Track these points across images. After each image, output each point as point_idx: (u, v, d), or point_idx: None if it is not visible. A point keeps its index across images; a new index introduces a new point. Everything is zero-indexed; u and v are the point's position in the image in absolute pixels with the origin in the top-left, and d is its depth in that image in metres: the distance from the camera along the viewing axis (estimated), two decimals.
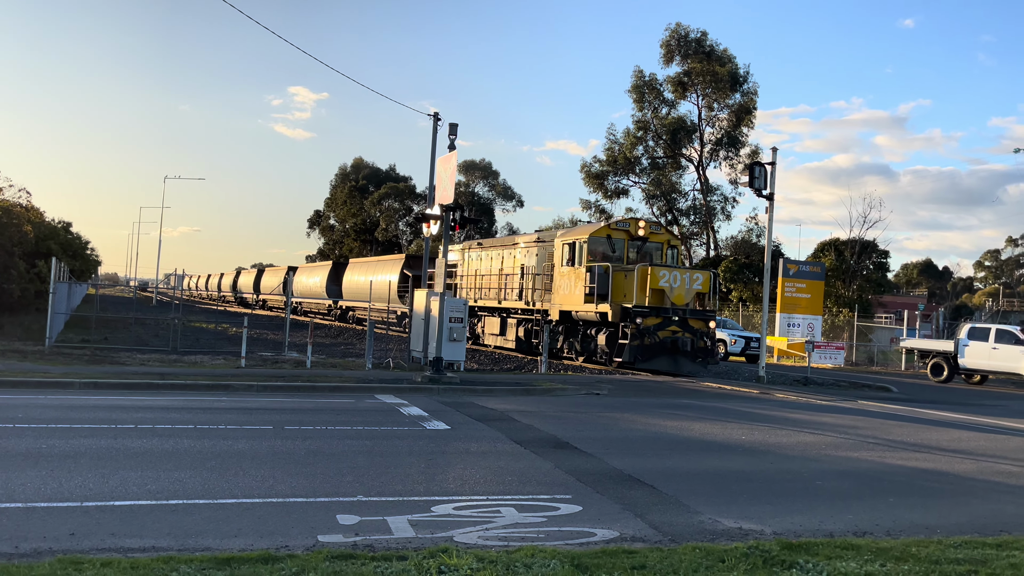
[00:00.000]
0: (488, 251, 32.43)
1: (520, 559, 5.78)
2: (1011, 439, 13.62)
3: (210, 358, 21.32)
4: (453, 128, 19.64)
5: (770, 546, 6.31)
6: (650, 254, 25.78)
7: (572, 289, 24.89)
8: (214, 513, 6.95)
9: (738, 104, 51.98)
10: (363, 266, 48.48)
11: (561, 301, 25.47)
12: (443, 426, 12.12)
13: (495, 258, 31.47)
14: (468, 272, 33.17)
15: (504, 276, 29.87)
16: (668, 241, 26.35)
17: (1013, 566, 5.99)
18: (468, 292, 32.75)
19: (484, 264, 32.10)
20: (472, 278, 32.66)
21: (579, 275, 24.59)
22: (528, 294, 27.82)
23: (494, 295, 30.47)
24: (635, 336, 22.36)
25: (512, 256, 30.12)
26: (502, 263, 30.68)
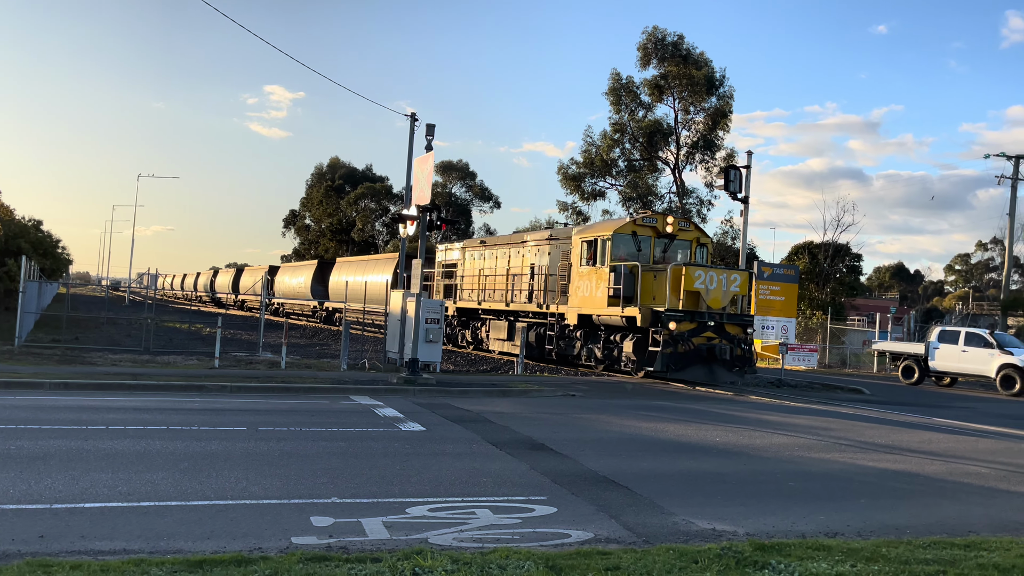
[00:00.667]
0: (493, 250, 30.33)
1: (495, 560, 5.78)
2: (979, 441, 13.82)
3: (183, 358, 21.13)
4: (430, 129, 19.61)
5: (743, 547, 6.35)
6: (676, 253, 23.71)
7: (593, 290, 22.92)
8: (186, 515, 6.89)
9: (714, 107, 52.34)
10: (352, 266, 45.86)
11: (580, 304, 23.53)
12: (418, 427, 12.10)
13: (501, 257, 29.47)
14: (470, 272, 31.21)
15: (511, 277, 27.98)
16: (697, 239, 24.05)
17: (980, 566, 6.08)
18: (471, 293, 30.79)
19: (488, 264, 30.09)
20: (475, 278, 30.67)
21: (601, 275, 22.64)
22: (540, 296, 26.07)
23: (500, 297, 28.58)
24: (668, 343, 20.39)
25: (520, 255, 28.24)
26: (508, 262, 28.75)
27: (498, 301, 28.59)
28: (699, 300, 21.02)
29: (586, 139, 55.61)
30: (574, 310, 23.79)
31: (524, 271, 27.58)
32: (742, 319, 21.67)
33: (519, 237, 29.23)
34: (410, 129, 24.82)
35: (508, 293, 28.05)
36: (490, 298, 29.33)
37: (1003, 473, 10.78)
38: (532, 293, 26.79)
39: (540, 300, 25.92)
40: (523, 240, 28.53)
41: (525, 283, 27.40)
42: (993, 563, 6.16)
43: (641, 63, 53.09)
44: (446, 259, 33.56)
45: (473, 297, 30.38)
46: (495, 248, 30.26)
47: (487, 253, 30.54)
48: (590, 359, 24.11)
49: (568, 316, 24.13)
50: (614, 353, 22.91)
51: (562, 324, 24.63)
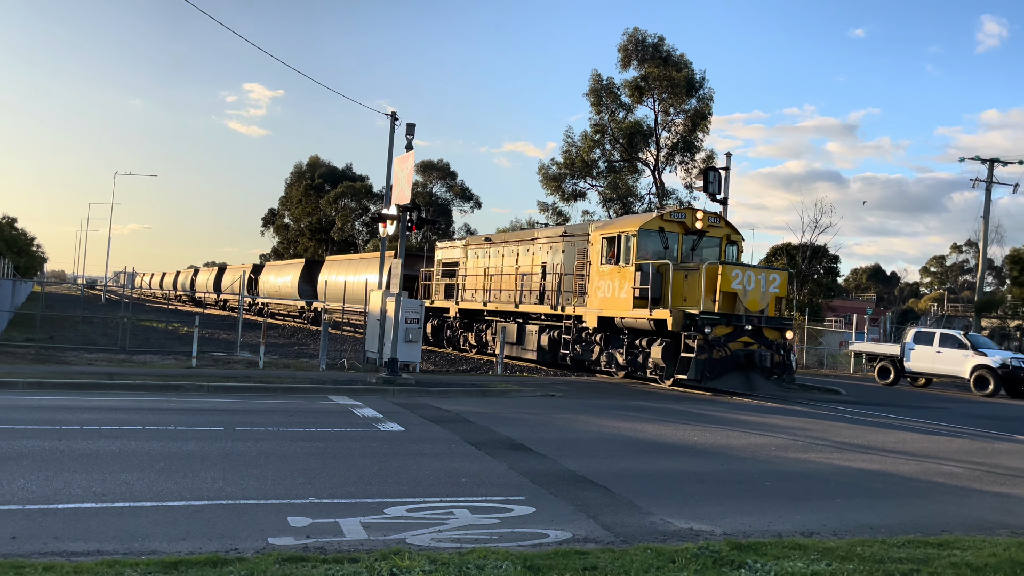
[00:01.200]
0: (499, 247, 28.57)
1: (473, 561, 5.78)
2: (953, 441, 13.97)
3: (160, 358, 20.95)
4: (411, 128, 19.57)
5: (720, 546, 6.39)
6: (705, 250, 22.06)
7: (615, 291, 21.31)
8: (162, 516, 6.83)
9: (694, 109, 52.59)
10: (344, 265, 43.36)
11: (601, 305, 21.85)
12: (397, 428, 12.06)
13: (508, 256, 27.81)
14: (474, 271, 29.59)
15: (520, 276, 26.44)
16: (728, 235, 22.27)
17: (954, 565, 6.15)
18: (475, 294, 29.20)
19: (494, 262, 28.37)
20: (478, 278, 29.04)
21: (625, 274, 21.03)
22: (553, 297, 24.58)
23: (508, 298, 26.98)
24: (702, 348, 18.82)
25: (530, 253, 26.69)
26: (517, 261, 27.13)
27: (506, 302, 27.03)
28: (735, 302, 19.56)
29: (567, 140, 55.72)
30: (594, 312, 22.15)
31: (535, 270, 26.10)
32: (781, 323, 20.36)
33: (529, 234, 27.70)
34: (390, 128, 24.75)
35: (517, 294, 26.52)
36: (496, 299, 27.78)
37: (976, 473, 10.90)
38: (544, 294, 25.38)
39: (554, 301, 24.45)
40: (533, 237, 26.89)
41: (536, 283, 25.92)
42: (966, 562, 6.23)
43: (621, 64, 53.28)
44: (446, 257, 32.20)
45: (477, 298, 28.79)
46: (501, 246, 28.54)
47: (492, 251, 28.84)
48: (610, 365, 22.57)
49: (587, 319, 22.49)
50: (639, 359, 21.34)
51: (579, 327, 23.10)
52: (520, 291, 26.35)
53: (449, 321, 30.76)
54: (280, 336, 35.74)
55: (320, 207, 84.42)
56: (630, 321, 20.95)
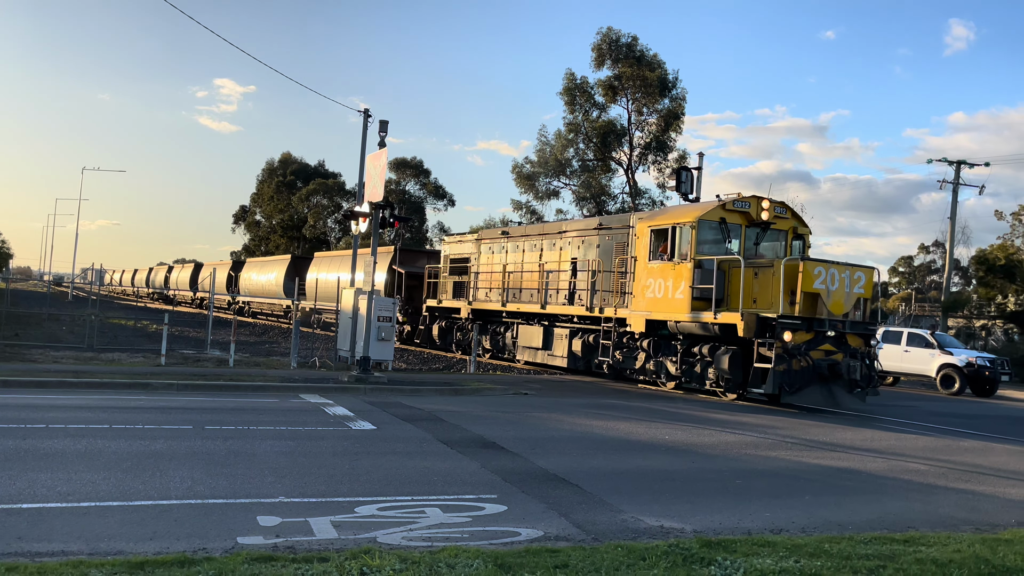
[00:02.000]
0: (518, 241, 25.97)
1: (443, 559, 5.76)
2: (919, 438, 14.17)
3: (128, 356, 20.70)
4: (384, 125, 19.49)
5: (690, 544, 6.43)
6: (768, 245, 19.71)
7: (668, 291, 18.92)
8: (128, 516, 6.74)
9: (667, 109, 52.88)
10: (334, 261, 40.85)
11: (649, 307, 19.39)
12: (369, 426, 12.01)
13: (530, 250, 25.26)
14: (488, 267, 27.12)
15: (546, 273, 23.91)
16: (794, 228, 19.86)
17: (919, 561, 6.23)
18: (490, 293, 26.72)
19: (513, 258, 25.88)
20: (494, 276, 26.52)
21: (681, 272, 18.58)
22: (586, 297, 22.12)
23: (532, 297, 24.55)
24: (780, 358, 16.44)
25: (556, 248, 24.12)
26: (541, 257, 24.63)
27: (530, 302, 24.54)
28: (817, 304, 17.07)
29: (540, 138, 55.81)
30: (640, 315, 19.65)
31: (562, 267, 23.55)
32: (866, 328, 17.85)
33: (555, 227, 25.03)
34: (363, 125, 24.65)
35: (542, 293, 24.04)
36: (517, 298, 25.24)
37: (942, 470, 11.07)
38: (574, 293, 22.89)
39: (588, 302, 21.85)
40: (561, 230, 24.17)
41: (564, 281, 23.34)
42: (931, 558, 6.32)
43: (595, 63, 53.44)
44: (456, 252, 29.56)
45: (493, 297, 26.26)
46: (521, 240, 25.87)
47: (511, 245, 26.24)
48: (658, 375, 20.11)
49: (631, 322, 20.00)
50: (695, 369, 18.91)
51: (621, 332, 20.60)
52: (545, 290, 23.81)
53: (460, 323, 28.39)
54: (251, 334, 35.45)
55: (292, 204, 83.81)
56: (687, 326, 18.47)
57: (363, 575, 5.41)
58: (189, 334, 31.28)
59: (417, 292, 31.90)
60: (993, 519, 8.22)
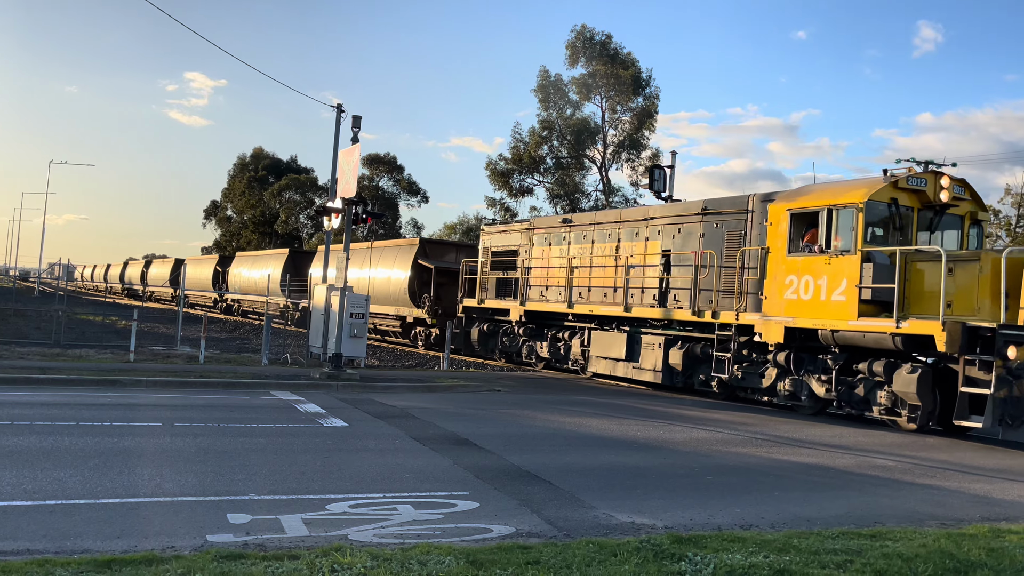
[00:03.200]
0: (586, 230, 22.08)
1: (415, 556, 5.75)
2: (886, 435, 14.36)
3: (96, 352, 20.45)
4: (357, 120, 19.38)
5: (661, 540, 6.47)
6: (943, 232, 16.01)
7: (821, 291, 15.08)
8: (95, 514, 6.66)
9: (640, 108, 53.13)
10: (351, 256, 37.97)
11: (791, 311, 15.48)
12: (341, 423, 11.95)
13: (603, 241, 21.39)
14: (542, 263, 23.43)
15: (627, 269, 20.05)
16: (972, 213, 16.14)
17: (885, 556, 6.32)
18: (546, 292, 23.01)
19: (579, 250, 22.08)
20: (553, 271, 22.83)
21: (841, 268, 14.79)
22: (689, 298, 18.24)
23: (604, 297, 20.95)
24: (1003, 381, 12.63)
25: (640, 238, 20.25)
26: (618, 248, 20.74)
27: (604, 303, 20.84)
28: None
29: (515, 135, 55.88)
30: (776, 321, 15.83)
31: (650, 260, 19.76)
32: None
33: (638, 212, 21.12)
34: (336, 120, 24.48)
35: (621, 292, 20.22)
36: (585, 298, 21.57)
37: (908, 466, 11.22)
38: (666, 293, 19.16)
39: (693, 304, 17.93)
40: (647, 217, 20.28)
41: (652, 278, 19.58)
42: (897, 552, 6.41)
43: (570, 61, 53.56)
44: (499, 245, 25.68)
45: (552, 296, 22.70)
46: (590, 228, 22.07)
47: (575, 235, 22.49)
48: (797, 396, 16.09)
49: (762, 330, 16.13)
50: (855, 390, 15.17)
51: (743, 341, 16.98)
52: (626, 289, 20.00)
53: (507, 327, 24.73)
54: (222, 330, 35.15)
55: (264, 199, 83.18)
56: (851, 336, 14.73)
57: (334, 572, 5.39)
58: (159, 330, 30.95)
59: (448, 290, 28.38)
60: (958, 514, 8.35)
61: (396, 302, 30.44)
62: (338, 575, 5.35)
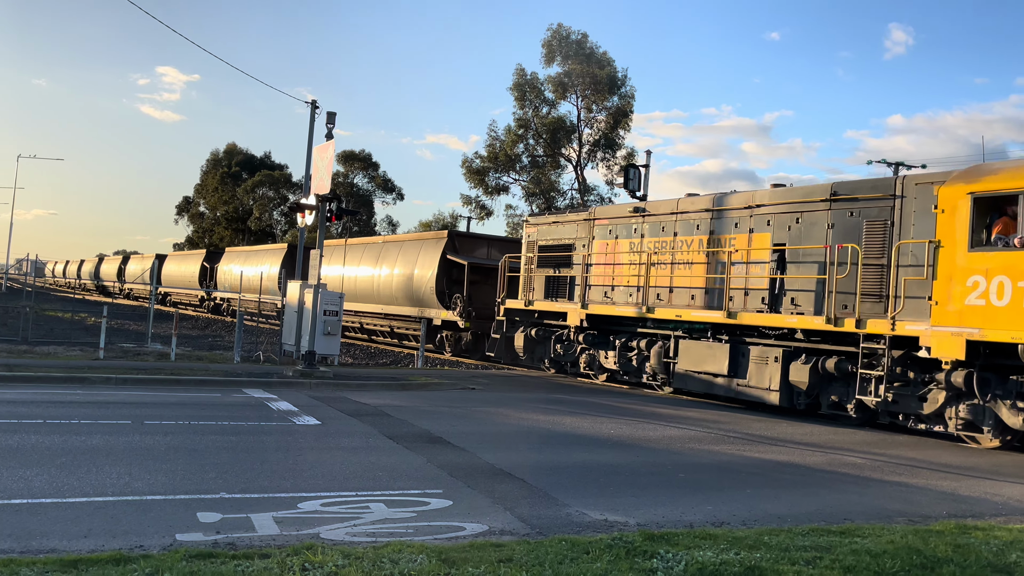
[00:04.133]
0: (665, 221, 18.76)
1: (387, 554, 5.73)
2: (856, 433, 14.51)
3: (65, 349, 20.17)
4: (331, 117, 19.26)
5: (633, 537, 6.49)
6: None
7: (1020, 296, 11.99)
8: (62, 513, 6.57)
9: (616, 107, 53.27)
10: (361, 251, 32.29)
11: (974, 320, 12.48)
12: (314, 421, 11.88)
13: (688, 233, 18.06)
14: (608, 258, 20.20)
15: (725, 266, 16.88)
16: None
17: (854, 552, 6.38)
18: (611, 293, 19.89)
19: (655, 244, 18.89)
20: (621, 268, 19.64)
21: None
22: (813, 301, 15.43)
23: (693, 299, 17.78)
24: None
25: (740, 228, 17.07)
26: (708, 242, 17.52)
27: (695, 306, 17.62)
28: None
29: (490, 133, 55.80)
30: (955, 333, 12.70)
31: (754, 256, 16.75)
32: None
33: (741, 199, 17.46)
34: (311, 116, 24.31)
35: (718, 294, 17.15)
36: (667, 300, 18.33)
37: (877, 463, 11.35)
38: (780, 296, 16.21)
39: (830, 310, 14.62)
40: (753, 204, 17.02)
41: (759, 278, 16.53)
42: (866, 548, 6.48)
43: (546, 60, 53.58)
44: (549, 238, 22.46)
45: (620, 298, 19.48)
46: (670, 219, 18.65)
47: (649, 227, 19.14)
48: (977, 426, 13.15)
49: (933, 344, 13.00)
50: None
51: (899, 357, 13.80)
52: (726, 290, 16.69)
53: (562, 332, 21.32)
54: (194, 327, 34.80)
55: (237, 195, 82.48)
56: None
57: (305, 571, 5.35)
58: (131, 327, 30.60)
59: (480, 289, 25.62)
60: (925, 511, 8.46)
61: (419, 302, 27.30)
62: (309, 574, 5.32)
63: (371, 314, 30.80)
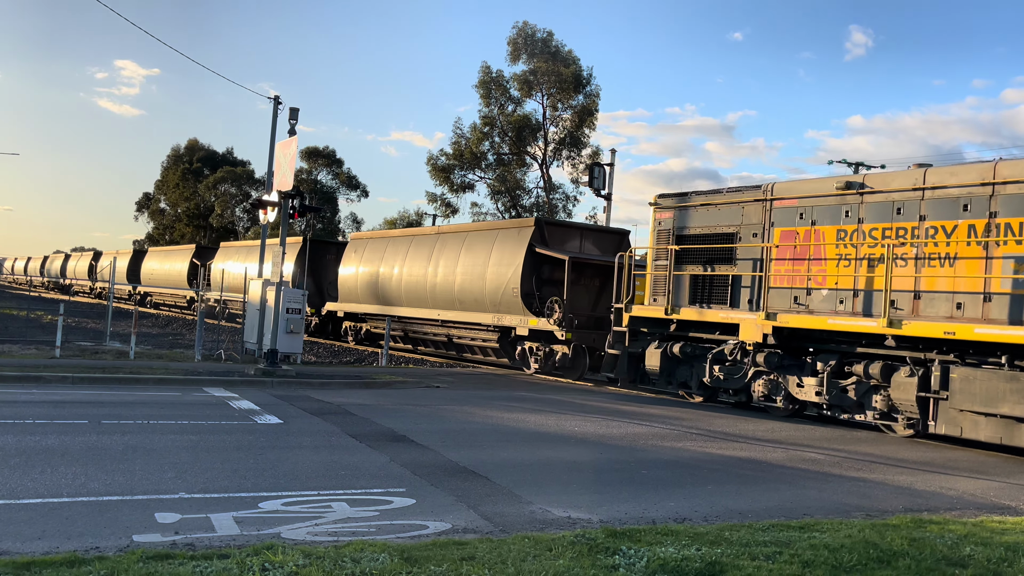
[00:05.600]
0: (902, 201, 13.98)
1: (348, 554, 5.68)
2: (816, 429, 14.72)
3: (20, 347, 19.75)
4: (294, 113, 19.09)
5: (596, 534, 6.51)
6: None
7: None
8: (15, 514, 6.43)
9: (581, 105, 53.43)
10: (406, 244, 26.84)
11: None
12: (275, 420, 11.76)
13: (950, 216, 13.22)
14: (798, 252, 15.49)
15: (943, 260, 13.26)
16: None
17: (813, 546, 6.47)
18: (805, 298, 15.18)
19: (880, 232, 14.11)
20: (820, 266, 15.08)
21: None
22: None
23: (959, 309, 12.99)
24: None
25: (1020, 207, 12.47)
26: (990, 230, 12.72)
27: (967, 319, 12.87)
28: None
29: (456, 131, 55.69)
30: None
31: None
32: None
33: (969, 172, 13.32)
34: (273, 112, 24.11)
35: (1009, 302, 12.50)
36: (912, 310, 13.62)
37: (836, 459, 11.52)
38: None
39: None
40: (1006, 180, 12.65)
41: None
42: (824, 543, 6.57)
43: (511, 58, 53.59)
44: (698, 226, 17.55)
45: (823, 304, 14.87)
46: (912, 197, 13.87)
47: (871, 209, 14.43)
48: None
49: None
50: None
51: None
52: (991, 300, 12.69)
53: (722, 350, 16.48)
54: (154, 325, 34.29)
55: (199, 192, 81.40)
56: None
57: (265, 571, 5.29)
58: (88, 325, 30.05)
59: (579, 292, 21.23)
60: (882, 505, 8.60)
61: (494, 307, 22.12)
62: (269, 574, 5.26)
63: (421, 320, 25.58)
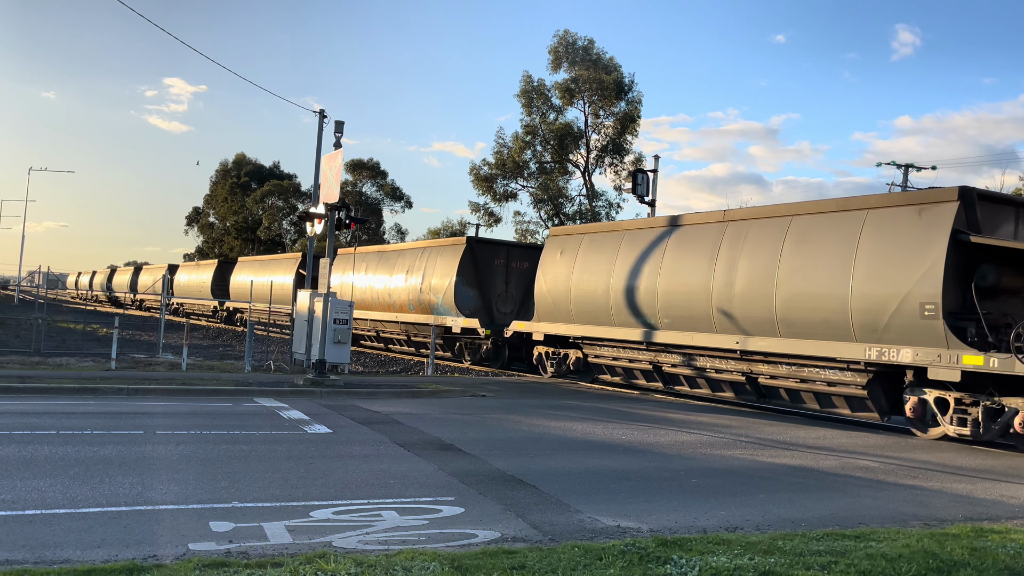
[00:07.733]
0: None
1: (400, 562, 5.72)
2: (869, 436, 14.43)
3: (77, 360, 20.24)
4: (339, 126, 19.33)
5: (646, 543, 6.46)
6: None
7: None
8: (75, 523, 6.58)
9: (623, 112, 53.27)
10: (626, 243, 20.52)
11: None
12: (325, 430, 11.88)
13: None
14: None
15: None
16: None
17: (869, 556, 6.33)
18: None
19: None
20: None
21: None
22: None
23: None
24: None
25: None
26: None
27: None
28: None
29: (498, 140, 55.92)
30: None
31: None
32: None
33: None
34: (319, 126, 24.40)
35: None
36: None
37: (891, 467, 11.28)
38: None
39: None
40: None
41: None
42: (881, 553, 6.43)
43: (552, 66, 53.67)
44: None
45: None
46: None
47: None
48: None
49: None
50: None
51: None
52: None
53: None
54: (204, 337, 34.90)
55: (247, 206, 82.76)
56: None
57: None
58: (141, 338, 30.71)
59: None
60: (941, 514, 8.40)
61: (834, 334, 14.94)
62: None
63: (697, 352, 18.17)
